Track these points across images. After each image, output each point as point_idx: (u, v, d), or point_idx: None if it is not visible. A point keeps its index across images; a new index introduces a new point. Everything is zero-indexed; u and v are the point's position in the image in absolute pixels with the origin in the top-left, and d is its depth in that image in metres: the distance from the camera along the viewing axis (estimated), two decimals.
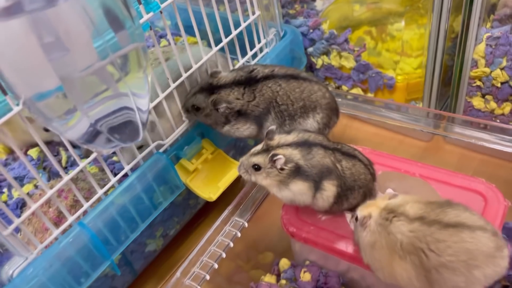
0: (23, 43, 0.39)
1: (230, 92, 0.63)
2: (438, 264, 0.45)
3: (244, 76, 0.64)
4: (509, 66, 0.70)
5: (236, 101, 0.63)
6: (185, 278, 0.53)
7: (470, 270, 0.45)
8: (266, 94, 0.64)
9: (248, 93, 0.64)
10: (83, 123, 0.44)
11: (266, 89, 0.65)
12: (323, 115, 0.67)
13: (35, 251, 0.54)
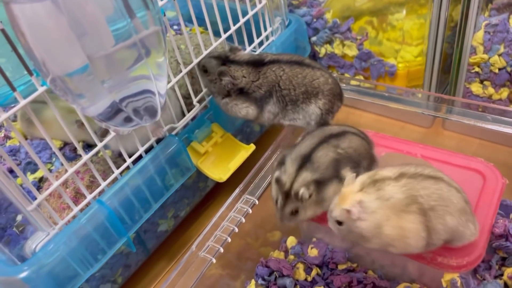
0: (53, 23, 0.41)
1: (239, 69, 0.65)
2: (429, 207, 0.48)
3: (255, 58, 0.67)
4: (506, 52, 0.73)
5: (242, 79, 0.65)
6: (200, 251, 0.56)
7: (444, 215, 0.49)
8: (270, 77, 0.66)
9: (254, 73, 0.66)
10: (106, 100, 0.46)
11: (270, 73, 0.66)
12: (325, 101, 0.69)
13: (56, 226, 0.57)
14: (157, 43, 0.49)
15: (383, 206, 0.49)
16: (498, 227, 0.57)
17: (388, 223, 0.49)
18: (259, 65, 0.67)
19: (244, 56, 0.67)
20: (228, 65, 0.65)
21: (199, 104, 0.71)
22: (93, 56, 0.43)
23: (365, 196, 0.49)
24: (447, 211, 0.49)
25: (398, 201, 0.49)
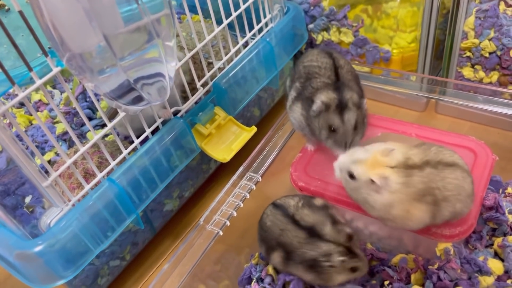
0: (70, 5, 0.44)
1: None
2: (442, 198, 0.51)
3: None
4: (496, 37, 0.77)
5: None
6: (207, 224, 0.59)
7: (455, 204, 0.52)
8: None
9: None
10: (119, 77, 0.49)
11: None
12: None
13: (69, 203, 0.59)
14: (167, 26, 0.52)
15: (403, 191, 0.51)
16: (488, 200, 0.61)
17: (398, 205, 0.51)
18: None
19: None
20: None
21: (202, 88, 0.74)
22: (108, 35, 0.46)
23: (394, 176, 0.51)
24: (459, 199, 0.52)
25: (416, 191, 0.51)
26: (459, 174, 0.52)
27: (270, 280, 0.60)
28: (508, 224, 0.60)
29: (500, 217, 0.60)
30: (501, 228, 0.60)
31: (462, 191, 0.52)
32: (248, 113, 0.89)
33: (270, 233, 0.57)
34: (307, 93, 0.64)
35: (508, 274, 0.57)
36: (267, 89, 0.92)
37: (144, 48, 0.48)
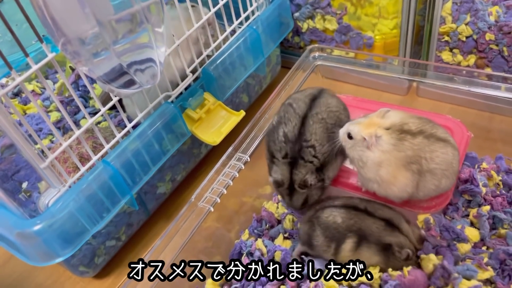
0: None
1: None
2: (427, 169, 0.54)
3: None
4: (472, 21, 0.80)
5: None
6: (199, 202, 0.62)
7: (441, 179, 0.55)
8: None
9: None
10: (112, 61, 0.52)
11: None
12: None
13: (66, 184, 0.62)
14: (156, 13, 0.54)
15: (393, 154, 0.55)
16: (464, 174, 0.65)
17: (387, 167, 0.55)
18: None
19: None
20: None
21: (192, 74, 0.77)
22: (101, 20, 0.48)
23: (387, 136, 0.55)
24: (445, 174, 0.55)
25: (405, 156, 0.54)
26: (450, 150, 0.56)
27: (259, 254, 0.64)
28: (482, 195, 0.64)
29: (474, 189, 0.63)
30: (476, 200, 0.64)
31: (450, 167, 0.55)
32: (237, 100, 0.92)
33: (342, 227, 0.58)
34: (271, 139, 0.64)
35: (483, 242, 0.61)
36: (255, 76, 0.95)
37: (135, 33, 0.51)
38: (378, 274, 0.55)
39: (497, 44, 0.80)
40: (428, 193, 0.58)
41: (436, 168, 0.55)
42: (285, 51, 1.07)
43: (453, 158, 0.56)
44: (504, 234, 0.60)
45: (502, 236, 0.60)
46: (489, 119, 0.80)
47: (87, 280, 0.74)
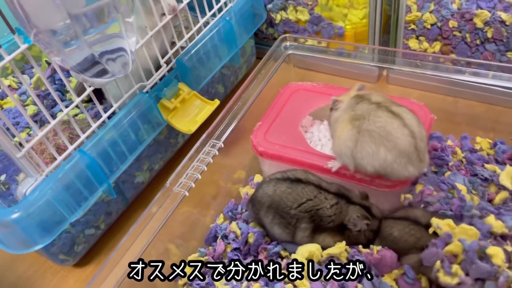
0: None
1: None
2: (366, 129, 0.59)
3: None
4: (436, 9, 0.84)
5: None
6: (174, 187, 0.64)
7: (379, 145, 0.58)
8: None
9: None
10: (84, 51, 0.53)
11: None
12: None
13: (43, 173, 0.63)
14: (125, 4, 0.56)
15: (347, 111, 0.64)
16: (433, 144, 0.69)
17: (341, 123, 0.63)
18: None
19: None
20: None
21: (166, 65, 0.78)
22: (71, 12, 0.50)
23: (348, 100, 0.65)
24: (384, 144, 0.58)
25: (354, 114, 0.62)
26: (396, 124, 0.59)
27: (234, 236, 0.66)
28: (449, 166, 0.67)
29: (444, 157, 0.67)
30: (442, 171, 0.67)
31: (390, 138, 0.58)
32: (212, 90, 0.94)
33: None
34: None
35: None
36: (230, 66, 0.97)
37: (105, 23, 0.53)
38: (344, 247, 0.58)
39: (460, 30, 0.83)
40: (366, 156, 0.60)
41: (374, 131, 0.59)
42: (260, 42, 1.09)
43: (396, 132, 0.58)
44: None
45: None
46: (454, 103, 0.84)
47: (68, 268, 0.75)
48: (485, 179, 0.65)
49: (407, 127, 0.59)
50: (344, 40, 0.98)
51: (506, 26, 0.78)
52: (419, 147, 0.59)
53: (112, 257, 0.59)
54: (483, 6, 0.80)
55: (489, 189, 0.65)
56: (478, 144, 0.74)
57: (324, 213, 0.60)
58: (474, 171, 0.67)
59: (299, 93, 0.82)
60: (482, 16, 0.79)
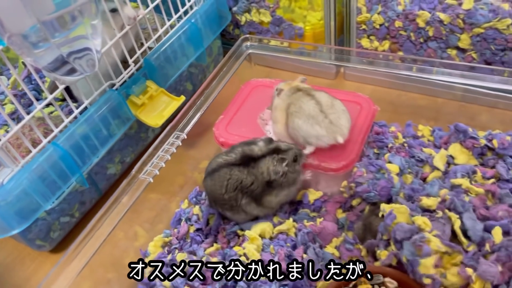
0: None
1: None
2: (291, 112, 0.71)
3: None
4: (383, 11, 0.91)
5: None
6: (139, 174, 0.70)
7: (295, 118, 0.71)
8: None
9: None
10: (53, 52, 0.59)
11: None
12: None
13: (19, 164, 0.69)
14: (90, 9, 0.62)
15: (285, 101, 0.74)
16: (376, 129, 0.76)
17: (278, 110, 0.74)
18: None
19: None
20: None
21: (134, 64, 0.84)
22: (40, 18, 0.56)
23: (287, 89, 0.75)
24: (298, 116, 0.70)
25: (287, 103, 0.73)
26: (310, 101, 0.70)
27: (196, 218, 0.73)
28: (388, 147, 0.75)
29: (384, 140, 0.75)
30: (382, 152, 0.74)
31: (301, 111, 0.70)
32: (181, 87, 1.00)
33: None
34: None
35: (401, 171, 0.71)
36: (197, 65, 1.03)
37: (71, 27, 0.59)
38: (292, 223, 0.65)
39: (405, 30, 0.91)
40: (294, 132, 0.71)
41: (294, 112, 0.71)
42: (227, 42, 1.15)
43: (306, 105, 0.70)
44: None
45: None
46: (402, 96, 0.92)
47: (45, 254, 0.81)
48: (421, 160, 0.73)
49: (314, 99, 0.70)
50: (303, 40, 1.05)
51: (445, 25, 0.86)
52: (326, 111, 0.69)
53: (79, 240, 0.64)
54: (424, 8, 0.88)
55: (423, 169, 0.73)
56: (420, 131, 0.82)
57: (247, 183, 0.67)
58: (412, 153, 0.74)
59: (259, 89, 0.89)
60: (423, 16, 0.87)
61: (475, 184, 0.66)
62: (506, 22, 0.81)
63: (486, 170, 0.70)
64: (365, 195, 0.66)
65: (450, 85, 0.84)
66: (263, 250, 0.64)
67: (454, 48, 0.89)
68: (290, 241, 0.65)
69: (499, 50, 0.84)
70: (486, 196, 0.63)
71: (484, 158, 0.73)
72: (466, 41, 0.86)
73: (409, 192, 0.65)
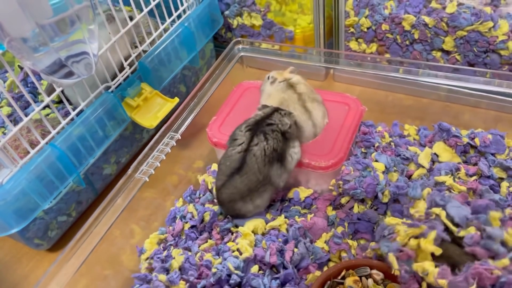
0: None
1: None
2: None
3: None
4: (370, 14, 0.94)
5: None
6: (135, 173, 0.73)
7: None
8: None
9: None
10: (52, 56, 0.61)
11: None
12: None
13: (18, 164, 0.71)
14: (87, 14, 0.64)
15: (278, 93, 0.79)
16: (364, 129, 0.79)
17: (271, 99, 0.79)
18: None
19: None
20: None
21: (129, 67, 0.87)
22: (39, 22, 0.58)
23: (282, 81, 0.81)
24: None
25: (280, 98, 0.78)
26: (292, 94, 0.79)
27: (190, 216, 0.75)
28: (375, 147, 0.78)
29: (370, 139, 0.77)
30: (369, 151, 0.77)
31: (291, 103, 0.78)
32: (175, 89, 1.02)
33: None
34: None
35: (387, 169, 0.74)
36: (190, 68, 1.06)
37: (69, 32, 0.61)
38: (284, 220, 0.68)
39: (392, 33, 0.94)
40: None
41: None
42: (219, 45, 1.18)
43: (288, 100, 0.78)
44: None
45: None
46: (389, 97, 0.95)
47: (43, 253, 0.83)
48: (406, 159, 0.76)
49: (297, 94, 0.79)
50: (294, 43, 1.08)
51: (429, 29, 0.90)
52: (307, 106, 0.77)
53: (77, 238, 0.67)
54: (409, 11, 0.91)
55: (409, 167, 0.76)
56: (406, 130, 0.85)
57: (271, 144, 0.70)
58: (398, 152, 0.77)
59: (251, 91, 0.91)
60: (409, 20, 0.90)
61: (458, 182, 0.69)
62: (487, 25, 0.84)
63: (469, 167, 0.73)
64: (352, 192, 0.68)
65: (435, 86, 0.88)
66: (255, 246, 0.66)
67: (439, 50, 0.93)
68: (282, 236, 0.67)
69: (481, 52, 0.88)
70: (468, 193, 0.66)
71: (467, 155, 0.76)
72: (450, 43, 0.89)
73: (394, 190, 0.67)
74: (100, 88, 0.82)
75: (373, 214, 0.68)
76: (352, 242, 0.66)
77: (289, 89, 0.79)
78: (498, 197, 0.65)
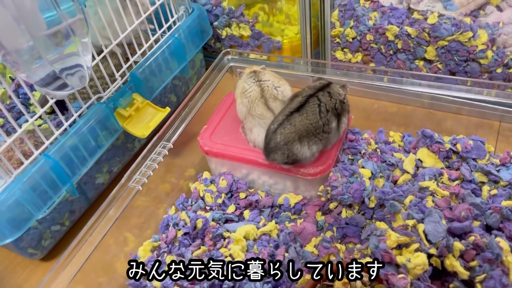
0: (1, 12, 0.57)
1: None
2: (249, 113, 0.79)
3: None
4: (355, 25, 0.98)
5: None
6: (129, 182, 0.74)
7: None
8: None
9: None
10: (46, 68, 0.63)
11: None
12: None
13: (12, 175, 0.72)
14: (81, 27, 0.66)
15: (243, 83, 0.83)
16: (350, 137, 0.81)
17: (237, 90, 0.83)
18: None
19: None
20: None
21: (121, 78, 0.88)
22: (34, 35, 0.60)
23: (247, 73, 0.84)
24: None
25: (243, 88, 0.82)
26: (255, 89, 0.82)
27: (183, 223, 0.76)
28: (361, 153, 0.80)
29: (357, 147, 0.80)
30: (356, 158, 0.80)
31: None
32: (165, 99, 1.04)
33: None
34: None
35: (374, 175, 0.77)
36: (181, 78, 1.08)
37: (64, 45, 0.63)
38: (275, 225, 0.70)
39: (376, 43, 0.98)
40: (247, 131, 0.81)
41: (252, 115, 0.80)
42: (209, 55, 1.20)
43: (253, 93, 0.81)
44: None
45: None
46: (374, 105, 0.98)
47: (36, 262, 0.83)
48: (392, 164, 0.79)
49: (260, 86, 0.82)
50: (282, 53, 1.11)
51: (412, 39, 0.93)
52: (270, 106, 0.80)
53: (72, 246, 0.68)
54: (393, 22, 0.94)
55: (394, 172, 0.78)
56: (391, 137, 0.88)
57: (334, 101, 0.76)
58: (384, 158, 0.80)
59: None
60: (392, 30, 0.94)
61: (441, 186, 0.72)
62: (467, 35, 0.88)
63: (452, 172, 0.76)
64: (340, 197, 0.71)
65: (419, 94, 0.91)
66: (247, 251, 0.68)
67: (421, 60, 0.96)
68: (273, 241, 0.69)
69: (462, 61, 0.91)
70: (451, 198, 0.69)
71: (450, 161, 0.79)
72: (432, 53, 0.93)
73: (380, 195, 0.70)
74: (93, 99, 0.84)
75: (361, 219, 0.71)
76: (341, 246, 0.69)
77: (251, 77, 0.83)
78: (479, 201, 0.68)
